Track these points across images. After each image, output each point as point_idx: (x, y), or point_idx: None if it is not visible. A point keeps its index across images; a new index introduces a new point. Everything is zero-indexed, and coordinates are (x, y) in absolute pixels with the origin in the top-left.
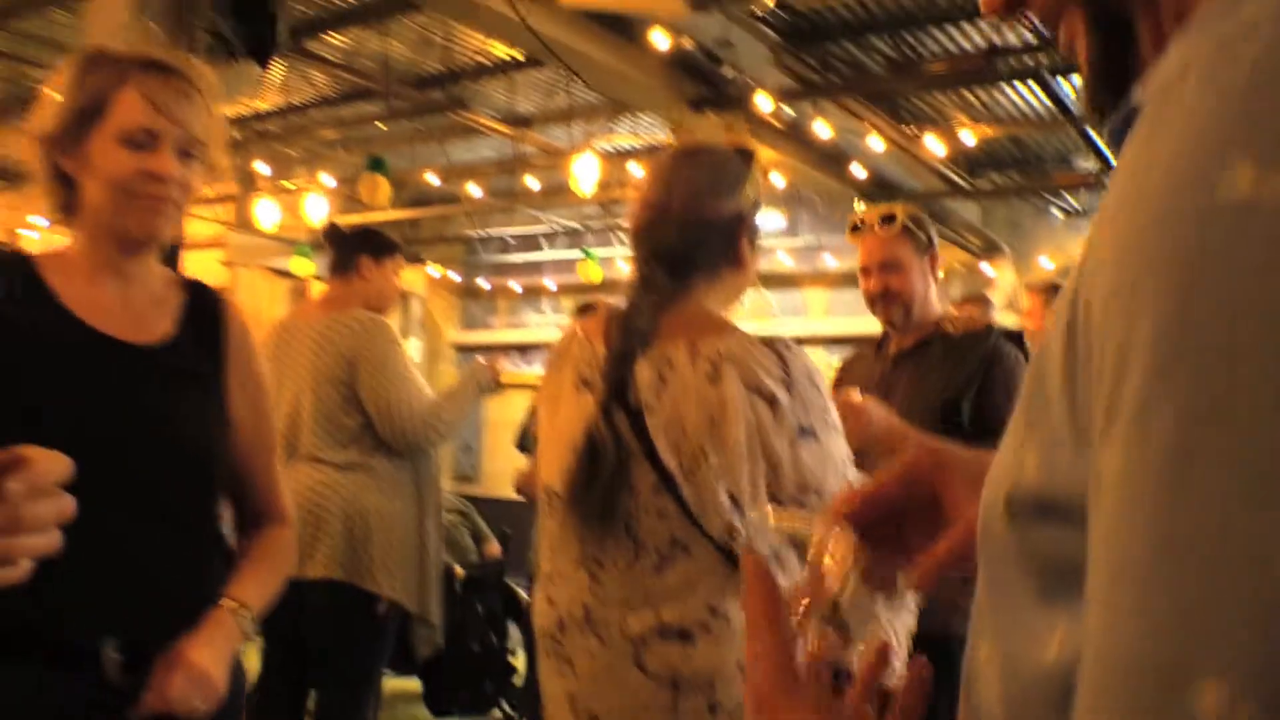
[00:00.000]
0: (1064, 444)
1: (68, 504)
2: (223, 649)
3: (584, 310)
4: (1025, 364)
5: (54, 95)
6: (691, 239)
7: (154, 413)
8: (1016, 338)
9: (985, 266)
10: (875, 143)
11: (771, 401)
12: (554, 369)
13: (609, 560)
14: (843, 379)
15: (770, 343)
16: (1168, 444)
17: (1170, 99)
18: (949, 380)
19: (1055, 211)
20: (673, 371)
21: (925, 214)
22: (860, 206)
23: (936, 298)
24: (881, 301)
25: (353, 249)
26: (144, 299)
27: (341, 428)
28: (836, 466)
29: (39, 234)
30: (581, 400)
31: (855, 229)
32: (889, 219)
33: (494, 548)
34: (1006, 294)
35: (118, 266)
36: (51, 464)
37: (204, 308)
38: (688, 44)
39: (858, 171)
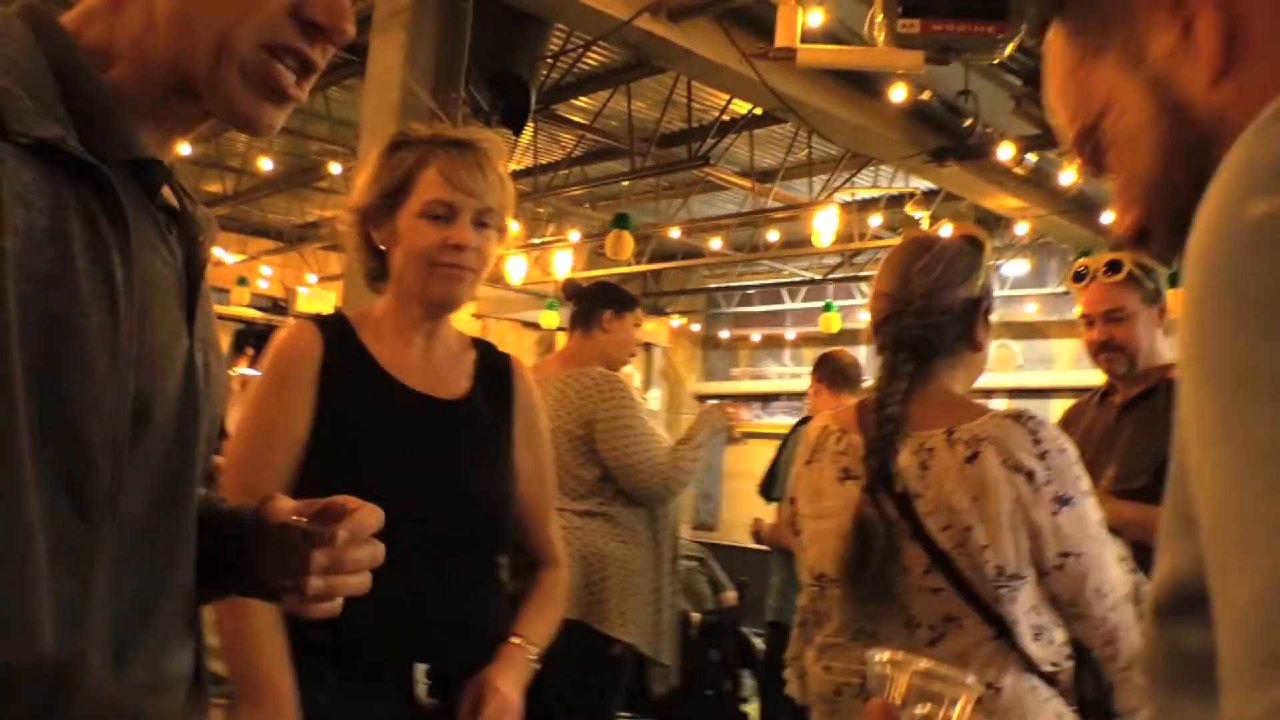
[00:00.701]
0: (1185, 532)
1: (380, 551)
2: (520, 681)
3: (822, 363)
4: None
5: (366, 175)
6: (932, 325)
7: (461, 462)
8: None
9: None
10: None
11: (1029, 475)
12: (812, 461)
13: (884, 635)
14: (1065, 429)
15: (1020, 419)
16: (1251, 437)
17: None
18: (1173, 432)
19: None
20: (933, 457)
21: (1154, 263)
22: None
23: (1165, 346)
24: (1104, 352)
25: (593, 303)
26: (445, 358)
27: (579, 480)
28: (1092, 529)
29: (309, 291)
30: (846, 490)
31: (1079, 277)
32: (1115, 266)
33: (730, 595)
34: None
35: (422, 327)
36: (369, 515)
37: (494, 365)
38: (927, 96)
39: (1107, 219)
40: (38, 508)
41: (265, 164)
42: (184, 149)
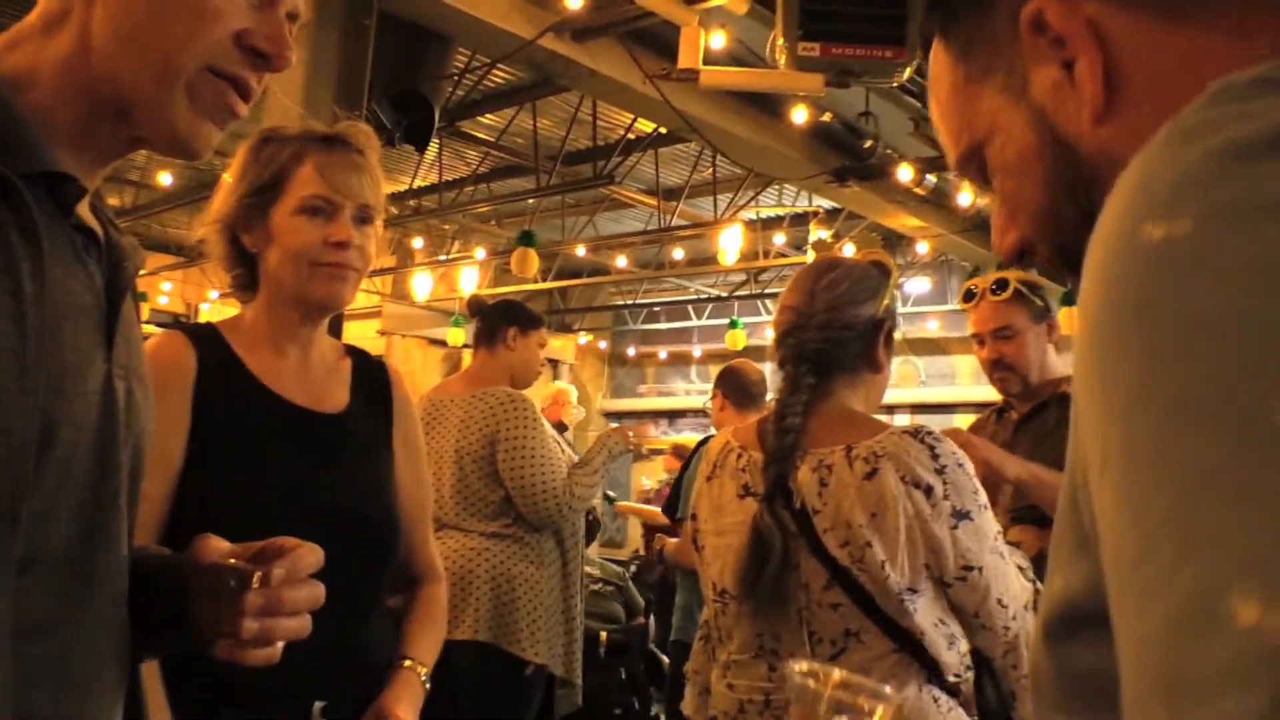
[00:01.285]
0: (1078, 553)
1: (320, 592)
2: (417, 704)
3: (725, 377)
4: None
5: (230, 179)
6: (834, 340)
7: (347, 480)
8: None
9: None
10: None
11: (928, 491)
12: (712, 477)
13: (785, 651)
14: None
15: (918, 435)
16: (1151, 432)
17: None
18: (1064, 445)
19: None
20: (832, 474)
21: (1043, 280)
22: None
23: (1059, 363)
24: (996, 370)
25: (497, 321)
26: (321, 368)
27: (487, 502)
28: (991, 542)
29: (210, 305)
30: (745, 506)
31: (968, 296)
32: (1001, 285)
33: (641, 621)
34: None
35: (298, 336)
36: (307, 553)
37: (371, 375)
38: (828, 117)
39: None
40: None
41: (164, 178)
42: None
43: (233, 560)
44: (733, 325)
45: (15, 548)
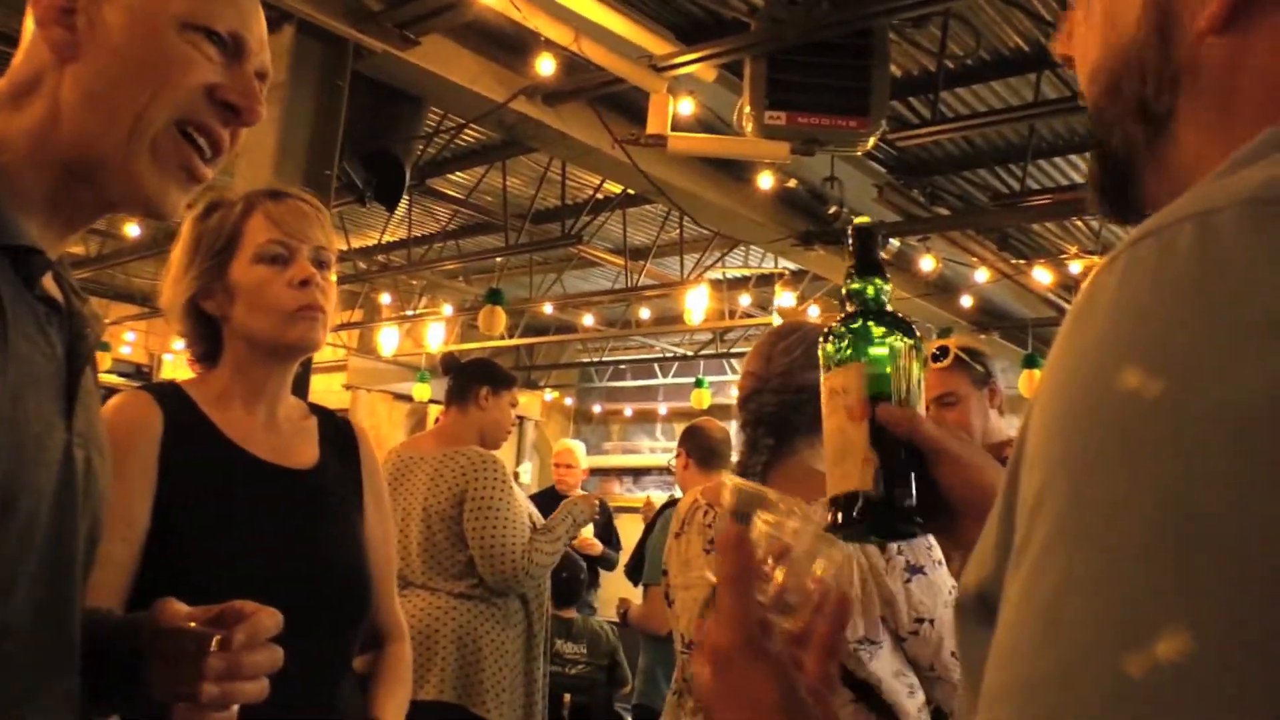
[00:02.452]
0: (998, 554)
1: (278, 655)
2: None
3: (690, 436)
4: None
5: (179, 253)
6: (789, 404)
7: (322, 537)
8: None
9: None
10: (981, 274)
11: (881, 546)
12: (680, 534)
13: None
14: None
15: None
16: (1050, 592)
17: (1094, 297)
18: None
19: None
20: None
21: (982, 346)
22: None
23: (1002, 427)
24: None
25: (470, 380)
26: (289, 425)
27: (454, 561)
28: (944, 596)
29: (173, 356)
30: (710, 559)
31: (940, 354)
32: (941, 353)
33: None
34: None
35: (265, 392)
36: (267, 618)
37: (337, 431)
38: (793, 184)
39: (965, 301)
40: None
41: (131, 229)
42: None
43: (192, 624)
44: (698, 384)
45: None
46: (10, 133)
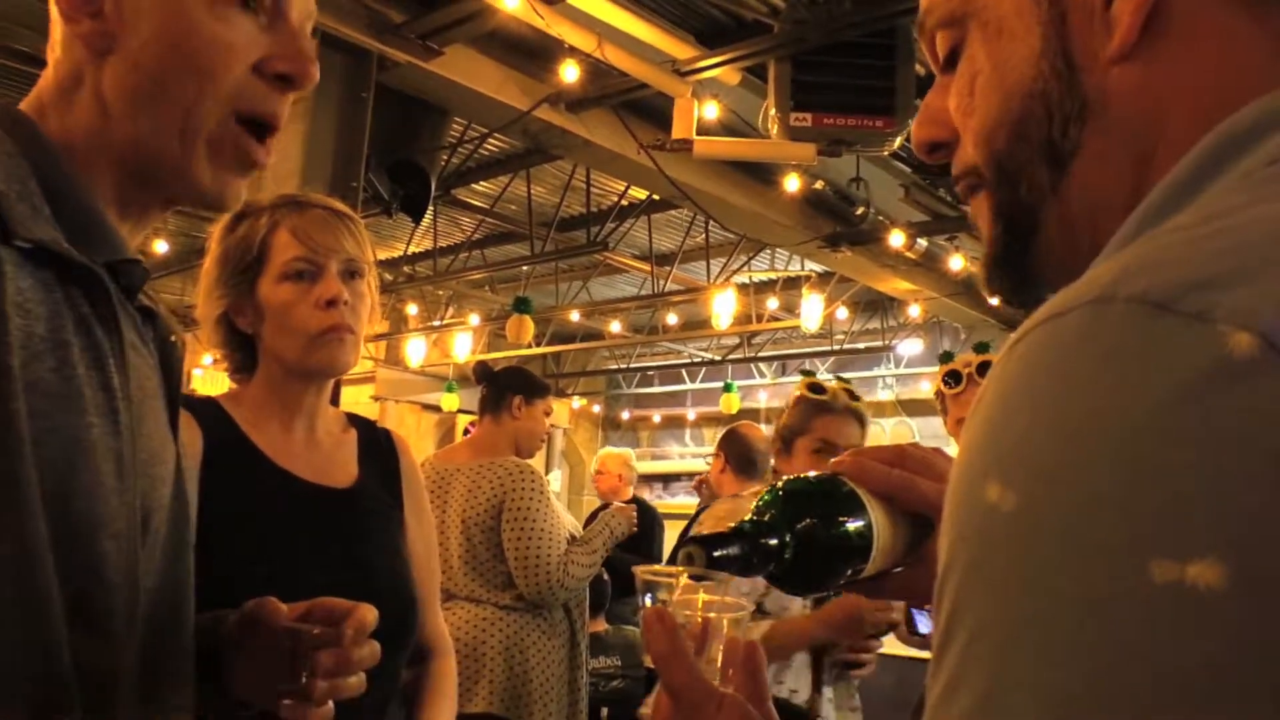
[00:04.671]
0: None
1: (377, 650)
2: None
3: (730, 440)
4: None
5: (210, 265)
6: None
7: (365, 557)
8: None
9: None
10: None
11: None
12: None
13: None
14: None
15: None
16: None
17: (996, 375)
18: None
19: None
20: None
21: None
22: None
23: None
24: None
25: (504, 389)
26: (329, 441)
27: (497, 573)
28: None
29: (203, 371)
30: None
31: (950, 380)
32: (952, 379)
33: None
34: None
35: (302, 408)
36: (367, 613)
37: (377, 445)
38: (820, 185)
39: (993, 300)
40: (68, 644)
41: (160, 246)
42: None
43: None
44: (726, 389)
45: (134, 648)
46: (71, 133)
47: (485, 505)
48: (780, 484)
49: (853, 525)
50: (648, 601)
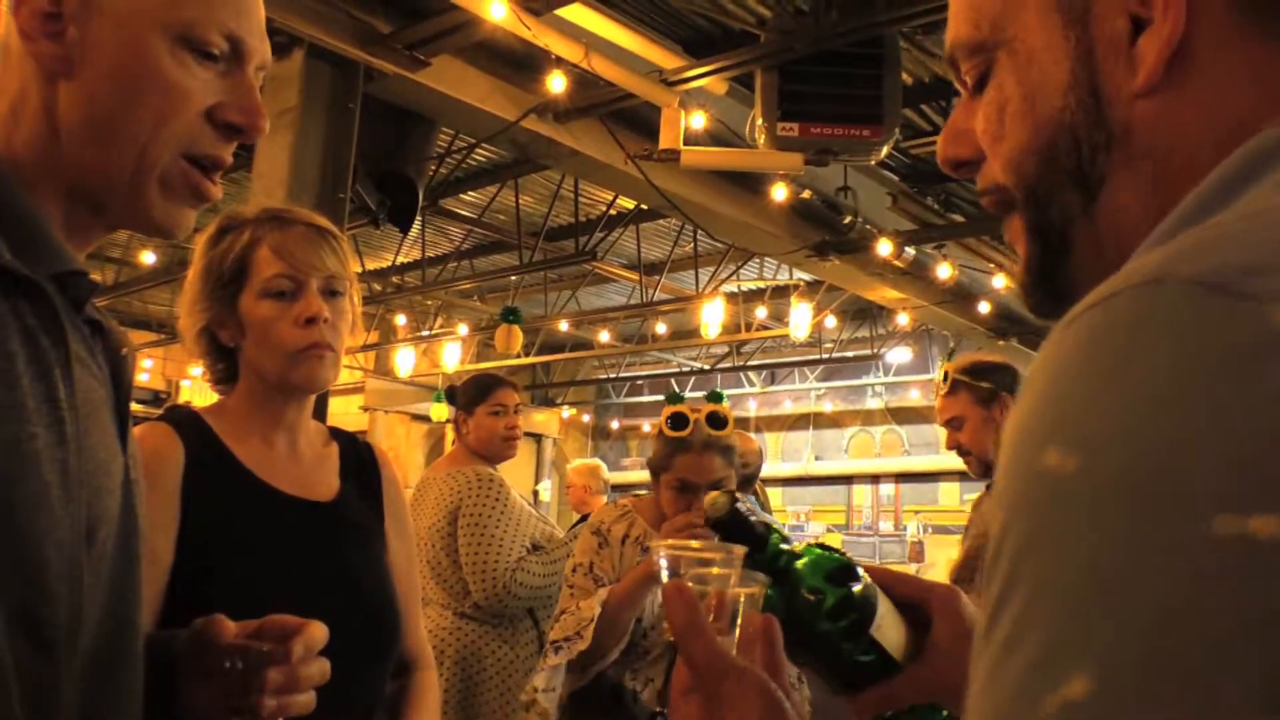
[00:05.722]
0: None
1: (326, 668)
2: None
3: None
4: None
5: (192, 276)
6: None
7: (346, 571)
8: None
9: None
10: (998, 280)
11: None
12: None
13: None
14: (971, 521)
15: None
16: (993, 657)
17: (1049, 355)
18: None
19: None
20: None
21: (989, 361)
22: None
23: None
24: (959, 454)
25: (456, 405)
26: (310, 455)
27: (456, 579)
28: None
29: (191, 382)
30: None
31: (943, 380)
32: (943, 380)
33: None
34: None
35: (283, 422)
36: (317, 630)
37: (359, 458)
38: (807, 194)
39: (982, 308)
40: (9, 649)
41: (147, 256)
42: None
43: (246, 639)
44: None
45: (76, 660)
46: (16, 149)
47: (444, 513)
48: (817, 552)
49: (857, 587)
50: (665, 576)
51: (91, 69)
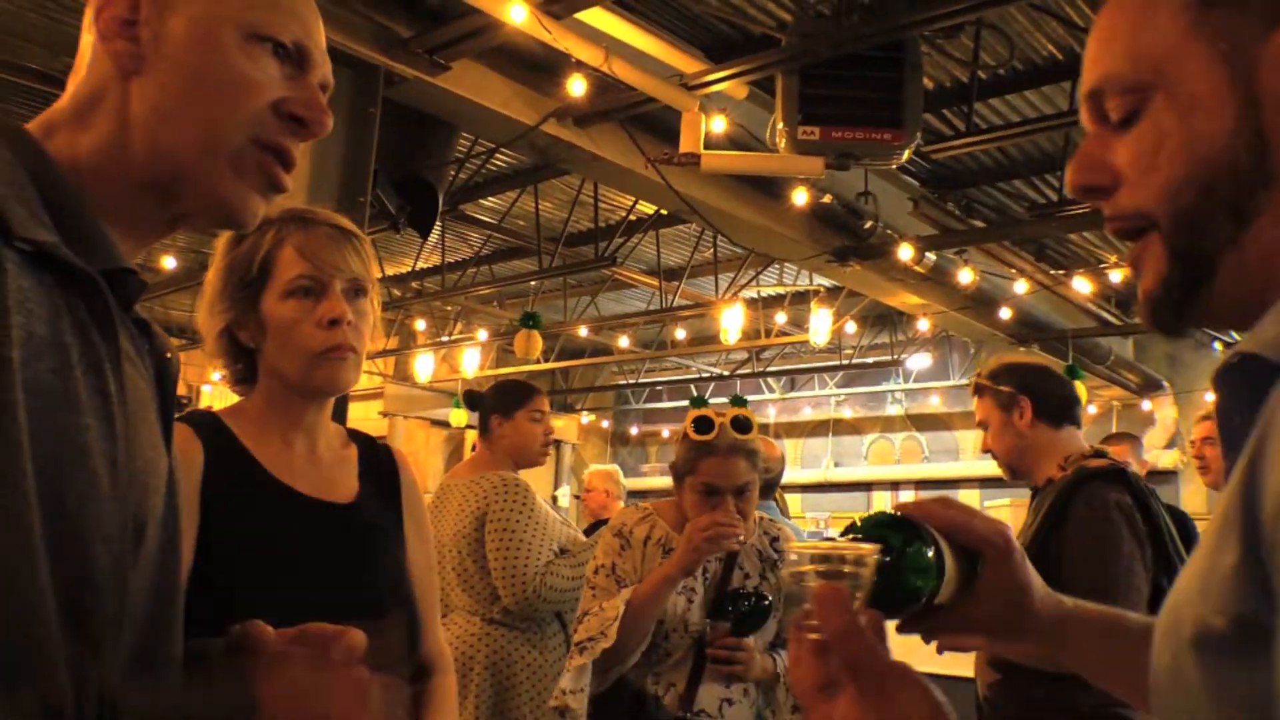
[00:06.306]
0: (1245, 577)
1: (365, 675)
2: None
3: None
4: (1117, 506)
5: (213, 277)
6: None
7: (366, 573)
8: (1114, 477)
9: (1145, 404)
10: (1019, 285)
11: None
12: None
13: None
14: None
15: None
16: None
17: None
18: (1031, 528)
19: (1215, 345)
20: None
21: (1015, 363)
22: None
23: (1047, 441)
24: (992, 456)
25: (486, 410)
26: (329, 457)
27: (485, 585)
28: None
29: (212, 388)
30: None
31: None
32: (993, 374)
33: None
34: (1167, 431)
35: (302, 423)
36: (357, 638)
37: (378, 460)
38: (827, 199)
39: (1003, 314)
40: (62, 646)
41: (169, 261)
42: None
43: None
44: (735, 403)
45: (119, 659)
46: (80, 151)
47: (471, 519)
48: (864, 517)
49: (929, 552)
50: (810, 580)
51: (164, 63)
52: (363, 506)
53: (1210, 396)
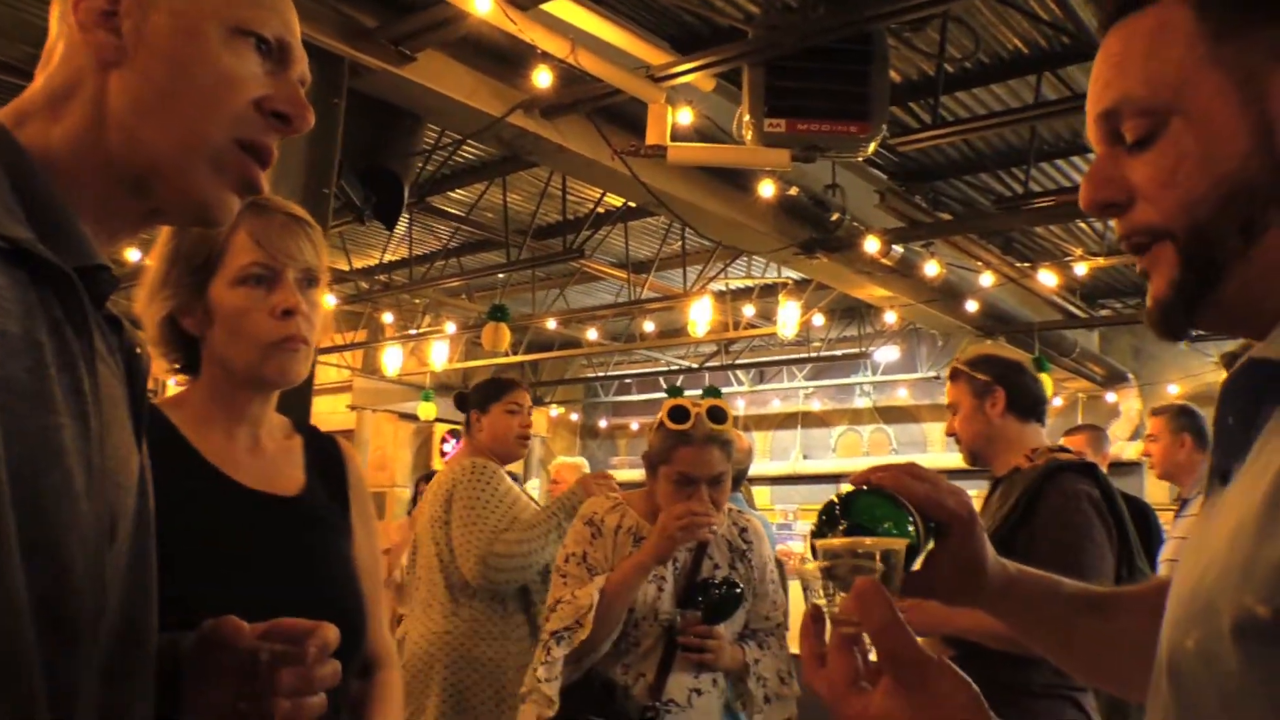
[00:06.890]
0: None
1: (338, 669)
2: None
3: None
4: (1087, 498)
5: (156, 263)
6: None
7: (312, 566)
8: (1084, 471)
9: (1110, 395)
10: (985, 278)
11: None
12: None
13: None
14: (983, 508)
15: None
16: None
17: None
18: (996, 517)
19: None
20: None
21: (996, 355)
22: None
23: (1019, 434)
24: (955, 440)
25: (468, 408)
26: (274, 448)
27: (454, 569)
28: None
29: (176, 380)
30: None
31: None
32: (971, 362)
33: None
34: (1132, 423)
35: (247, 415)
36: (330, 632)
37: (324, 452)
38: (794, 191)
39: (970, 306)
40: (35, 644)
41: (132, 254)
42: None
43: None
44: (707, 395)
45: (96, 659)
46: (52, 142)
47: (440, 502)
48: (844, 490)
49: (911, 528)
50: (848, 573)
51: (146, 55)
52: (309, 499)
53: (1174, 389)
